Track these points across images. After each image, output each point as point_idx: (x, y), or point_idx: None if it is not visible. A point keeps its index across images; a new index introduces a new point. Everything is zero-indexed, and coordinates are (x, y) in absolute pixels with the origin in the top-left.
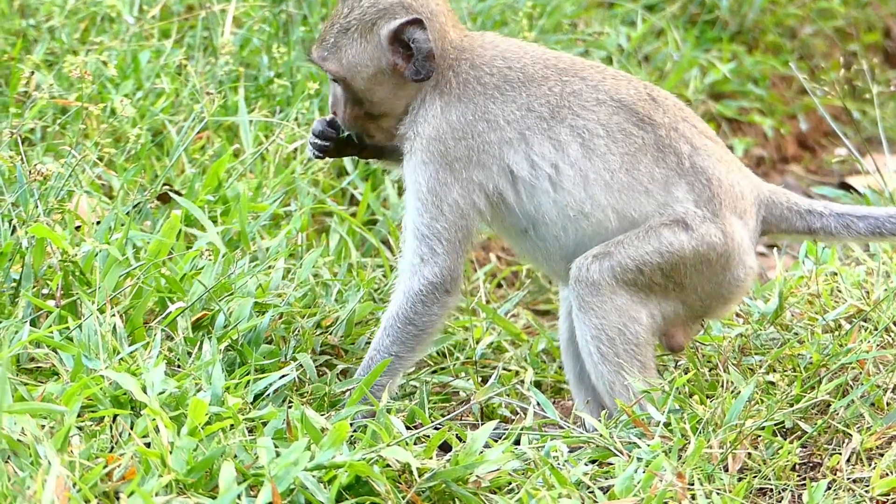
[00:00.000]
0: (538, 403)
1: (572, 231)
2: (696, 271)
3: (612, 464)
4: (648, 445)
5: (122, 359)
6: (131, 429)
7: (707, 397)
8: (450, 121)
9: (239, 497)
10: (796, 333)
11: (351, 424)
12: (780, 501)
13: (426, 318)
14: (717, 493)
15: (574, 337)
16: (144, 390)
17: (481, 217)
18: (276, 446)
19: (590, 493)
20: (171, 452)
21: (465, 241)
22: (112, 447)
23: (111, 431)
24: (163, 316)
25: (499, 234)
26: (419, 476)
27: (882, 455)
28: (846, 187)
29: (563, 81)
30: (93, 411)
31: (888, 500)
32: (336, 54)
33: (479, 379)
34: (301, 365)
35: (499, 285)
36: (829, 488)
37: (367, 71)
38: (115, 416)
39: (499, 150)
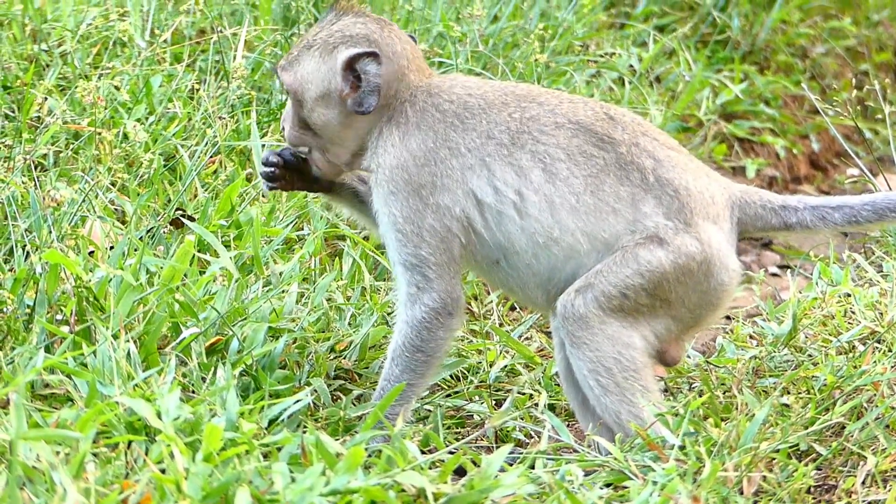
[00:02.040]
0: (553, 427)
1: (544, 258)
2: (680, 284)
3: (627, 487)
4: (663, 469)
5: (136, 385)
6: (146, 455)
7: (722, 420)
8: (410, 148)
9: None
10: (810, 355)
11: (366, 449)
12: None
13: (433, 343)
14: None
15: (571, 367)
16: (159, 416)
17: (459, 241)
18: (291, 472)
19: None
20: (186, 478)
21: (453, 263)
22: (127, 473)
23: (126, 458)
24: (177, 342)
25: (472, 269)
26: (434, 501)
27: None
28: None
29: (522, 107)
30: (108, 437)
31: None
32: (293, 67)
33: (494, 402)
34: (315, 390)
35: (512, 308)
36: None
37: (316, 90)
38: (129, 443)
39: (461, 175)
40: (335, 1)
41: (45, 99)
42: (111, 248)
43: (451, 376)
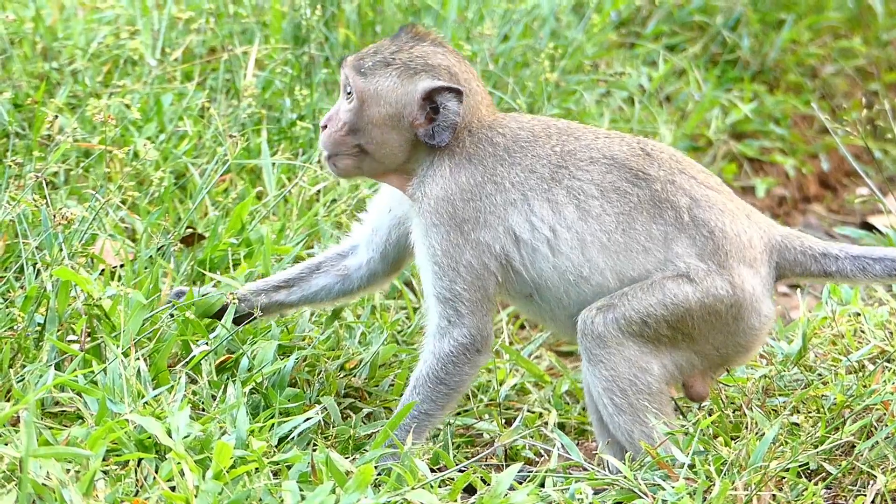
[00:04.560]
0: (562, 445)
1: (574, 294)
2: (705, 322)
3: None
4: (673, 487)
5: (146, 402)
6: (156, 472)
7: (731, 439)
8: (458, 182)
9: None
10: (820, 374)
11: (376, 467)
12: None
13: (457, 377)
14: None
15: None
16: (169, 434)
17: (495, 279)
18: (300, 490)
19: None
20: (196, 496)
21: (486, 301)
22: (137, 491)
23: (136, 475)
24: (187, 359)
25: (506, 299)
26: None
27: None
28: (868, 227)
29: (562, 141)
30: (118, 455)
31: None
32: (368, 76)
33: (503, 421)
34: (325, 408)
35: (522, 326)
36: None
37: (387, 109)
38: (140, 460)
39: (503, 211)
40: (411, 25)
41: (56, 117)
42: (122, 265)
43: None
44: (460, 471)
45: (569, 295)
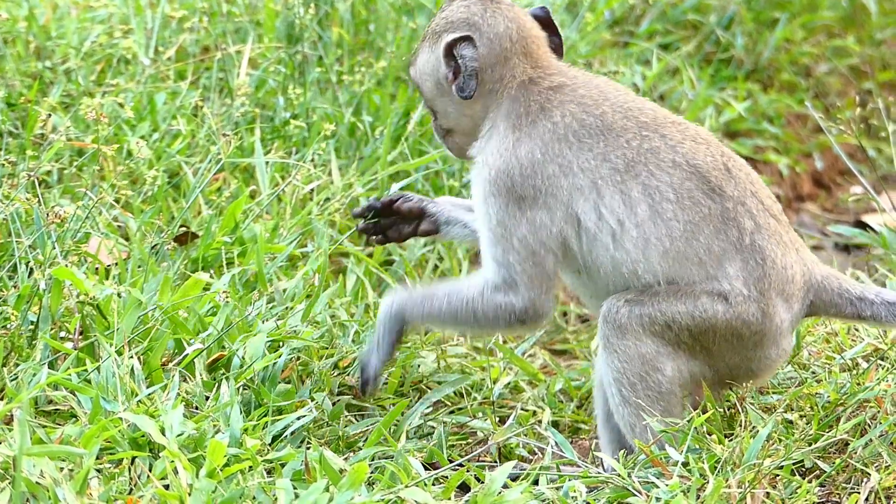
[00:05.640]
0: (556, 443)
1: (621, 285)
2: (726, 342)
3: None
4: (667, 485)
5: (140, 401)
6: (150, 471)
7: (725, 436)
8: (519, 157)
9: None
10: (814, 372)
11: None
12: None
13: (489, 328)
14: None
15: None
16: (163, 432)
17: (553, 256)
18: (294, 488)
19: None
20: (189, 494)
21: (546, 278)
22: (131, 489)
23: (130, 474)
24: (180, 357)
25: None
26: None
27: None
28: (862, 225)
29: (643, 136)
30: (111, 453)
31: None
32: (414, 62)
33: (497, 419)
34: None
35: None
36: None
37: (430, 80)
38: (133, 459)
39: (568, 196)
40: None
41: (49, 116)
42: (115, 264)
43: (454, 393)
44: (454, 469)
45: (615, 285)
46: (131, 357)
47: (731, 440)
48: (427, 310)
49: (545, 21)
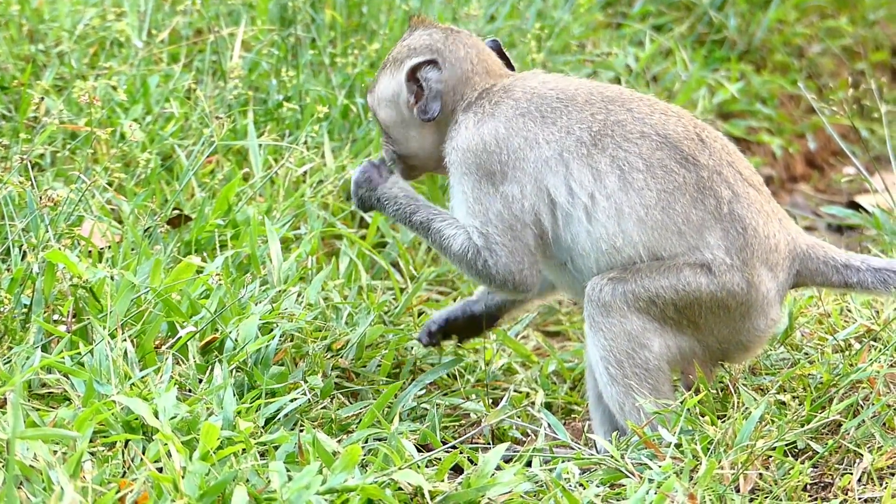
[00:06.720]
0: (549, 425)
1: (604, 264)
2: (713, 314)
3: (623, 485)
4: (660, 467)
5: (133, 384)
6: (143, 454)
7: (718, 418)
8: (482, 133)
9: None
10: (807, 353)
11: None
12: None
13: (479, 280)
14: None
15: None
16: (156, 415)
17: (531, 231)
18: (288, 470)
19: None
20: (183, 477)
21: (528, 253)
22: (124, 472)
23: (123, 456)
24: (173, 340)
25: (546, 269)
26: (431, 499)
27: (893, 475)
28: (855, 206)
29: (608, 110)
30: (105, 436)
31: None
32: (373, 89)
33: (490, 401)
34: (312, 388)
35: None
36: None
37: (390, 106)
38: (127, 442)
39: (534, 168)
40: (409, 18)
41: (42, 99)
42: (108, 247)
43: (448, 375)
44: (447, 451)
45: (598, 265)
46: (124, 340)
47: (724, 421)
48: (407, 225)
49: (498, 52)
